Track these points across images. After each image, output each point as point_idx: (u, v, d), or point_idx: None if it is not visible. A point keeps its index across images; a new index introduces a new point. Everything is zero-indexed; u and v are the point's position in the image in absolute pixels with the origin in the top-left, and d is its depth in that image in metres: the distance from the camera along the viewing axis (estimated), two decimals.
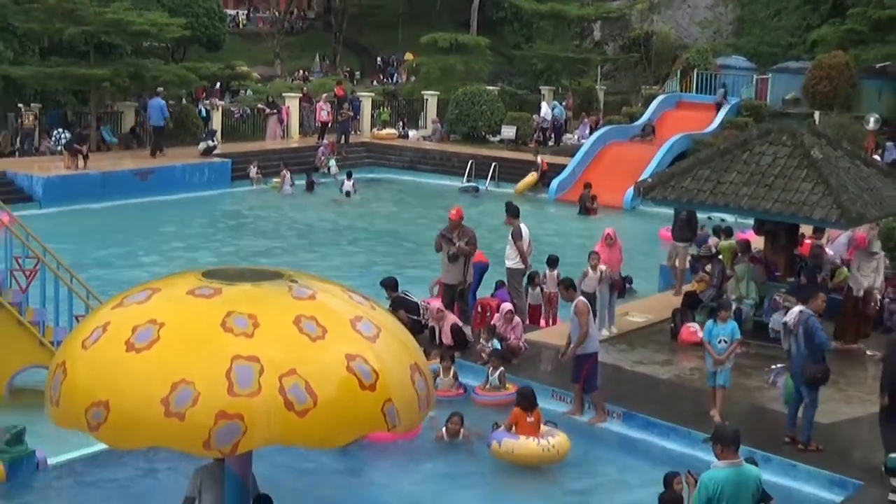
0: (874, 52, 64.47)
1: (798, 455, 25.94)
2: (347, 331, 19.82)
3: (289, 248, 49.50)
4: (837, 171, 31.71)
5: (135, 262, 44.46)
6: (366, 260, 46.12)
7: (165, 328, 19.52)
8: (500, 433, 27.04)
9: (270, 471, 22.91)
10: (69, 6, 65.18)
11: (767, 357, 28.73)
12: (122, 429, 19.46)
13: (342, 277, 27.94)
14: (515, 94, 74.20)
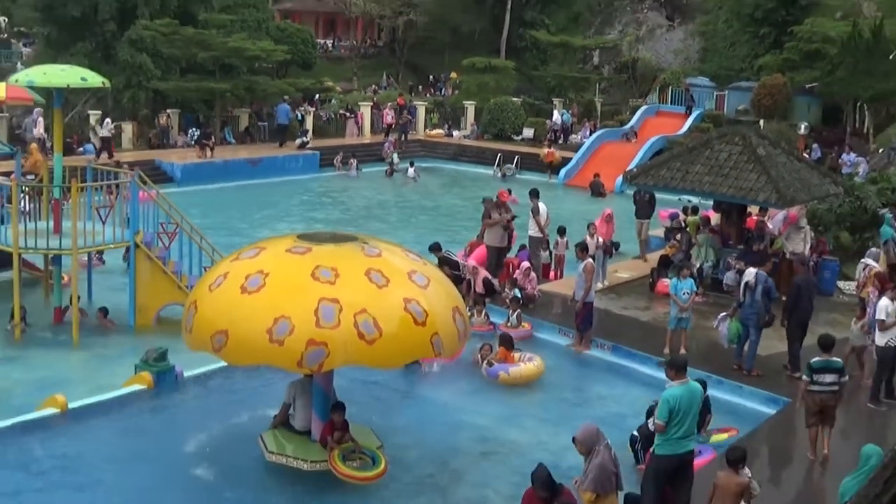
0: (804, 75, 64.30)
1: (743, 379, 26.13)
2: (405, 281, 20.04)
3: (363, 217, 49.49)
4: (776, 165, 31.77)
5: (247, 227, 44.51)
6: (420, 226, 46.10)
7: (270, 277, 19.81)
8: (500, 366, 27.28)
9: (346, 384, 22.98)
10: (202, 37, 65.84)
11: (721, 305, 28.75)
12: (238, 351, 19.87)
13: (402, 240, 28.03)
14: (533, 104, 73.91)
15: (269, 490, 21.02)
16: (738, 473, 16.73)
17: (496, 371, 27.23)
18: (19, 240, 29.98)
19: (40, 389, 25.42)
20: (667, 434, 17.36)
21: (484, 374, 27.36)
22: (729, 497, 16.51)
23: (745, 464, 17.07)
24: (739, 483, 16.57)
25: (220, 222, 43.04)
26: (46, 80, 32.94)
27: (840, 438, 22.39)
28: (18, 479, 21.28)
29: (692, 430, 17.78)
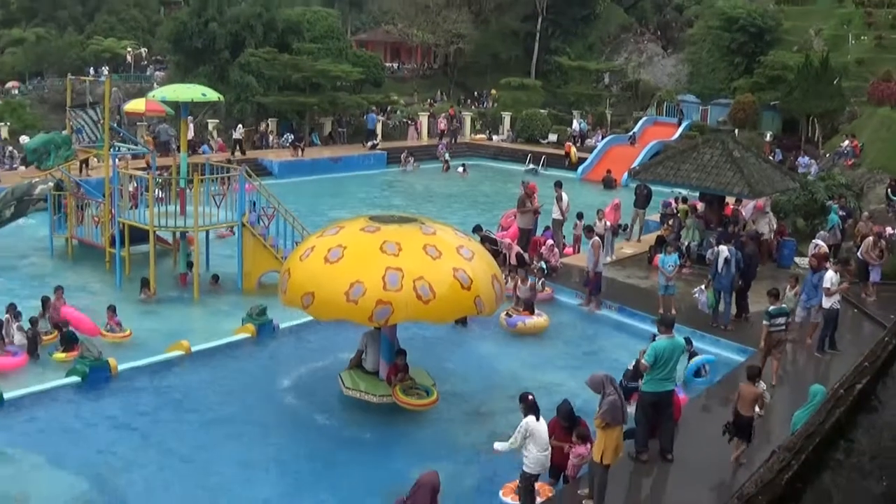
0: (769, 95, 64.14)
1: (720, 333, 26.15)
2: (454, 254, 20.06)
3: (421, 203, 49.43)
4: (748, 164, 31.68)
5: (329, 210, 44.56)
6: (466, 211, 46.05)
7: (347, 250, 19.91)
8: (517, 318, 27.41)
9: (407, 335, 23.01)
10: (295, 62, 66.04)
11: (703, 275, 28.53)
12: (321, 308, 20.05)
13: (452, 221, 28.04)
14: (557, 114, 73.60)
15: (345, 416, 21.20)
16: (755, 385, 17.61)
17: (515, 322, 27.33)
18: (154, 220, 30.29)
19: (169, 336, 25.79)
20: (651, 374, 17.48)
21: (504, 324, 27.35)
22: (747, 403, 17.36)
23: (759, 378, 18.01)
24: (755, 392, 17.48)
25: (308, 207, 43.08)
26: (175, 96, 33.21)
27: (793, 380, 22.87)
28: (155, 403, 21.82)
29: (672, 375, 17.85)
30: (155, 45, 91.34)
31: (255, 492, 17.78)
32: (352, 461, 19.14)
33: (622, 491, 16.54)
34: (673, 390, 18.11)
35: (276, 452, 19.55)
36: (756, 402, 17.67)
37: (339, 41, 76.42)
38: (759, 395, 17.69)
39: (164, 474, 18.43)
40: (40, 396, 21.77)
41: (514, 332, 27.26)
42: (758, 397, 17.68)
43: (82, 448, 19.33)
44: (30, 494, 17.29)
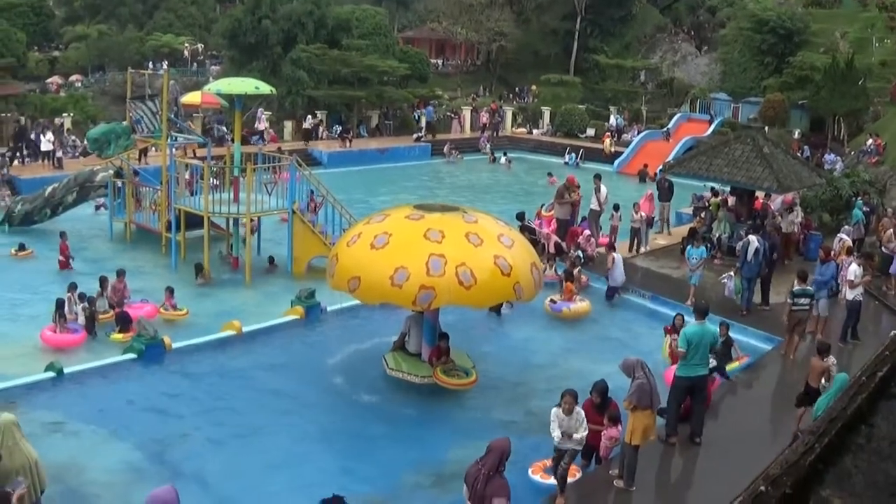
0: (797, 94, 63.84)
1: (746, 320, 26.08)
2: (495, 242, 20.07)
3: (463, 193, 49.35)
4: (777, 160, 31.54)
5: (375, 199, 44.64)
6: (507, 200, 45.99)
7: (392, 236, 19.96)
8: (562, 304, 27.42)
9: (449, 319, 23.04)
10: (344, 57, 66.23)
11: (733, 266, 28.48)
12: (367, 292, 20.13)
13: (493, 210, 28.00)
14: (595, 110, 73.32)
15: (388, 396, 21.29)
16: (823, 360, 18.50)
17: (560, 307, 27.34)
18: (209, 206, 30.51)
19: (222, 316, 26.02)
20: (684, 360, 17.52)
21: (548, 310, 27.36)
22: (816, 375, 18.41)
23: (829, 353, 18.73)
24: (823, 366, 18.41)
25: (356, 195, 43.17)
26: (230, 89, 33.32)
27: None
28: (207, 380, 22.08)
29: (705, 360, 17.85)
30: (211, 41, 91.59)
31: (301, 466, 17.93)
32: (394, 438, 19.25)
33: (651, 472, 16.54)
34: (706, 375, 18.10)
35: (322, 429, 19.72)
36: (823, 375, 18.37)
37: (387, 38, 76.32)
38: (826, 368, 18.41)
39: (215, 448, 18.62)
40: (98, 372, 22.05)
41: (559, 316, 27.26)
42: (825, 370, 18.37)
43: (137, 421, 19.54)
44: (87, 465, 17.46)
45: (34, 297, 28.33)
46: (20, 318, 26.51)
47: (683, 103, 74.49)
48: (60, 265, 30.91)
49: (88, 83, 78.42)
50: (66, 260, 31.12)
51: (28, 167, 47.97)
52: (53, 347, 23.85)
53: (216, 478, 17.26)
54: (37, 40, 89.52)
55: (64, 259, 31.12)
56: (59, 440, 18.41)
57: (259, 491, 16.44)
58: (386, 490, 17.08)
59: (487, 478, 12.08)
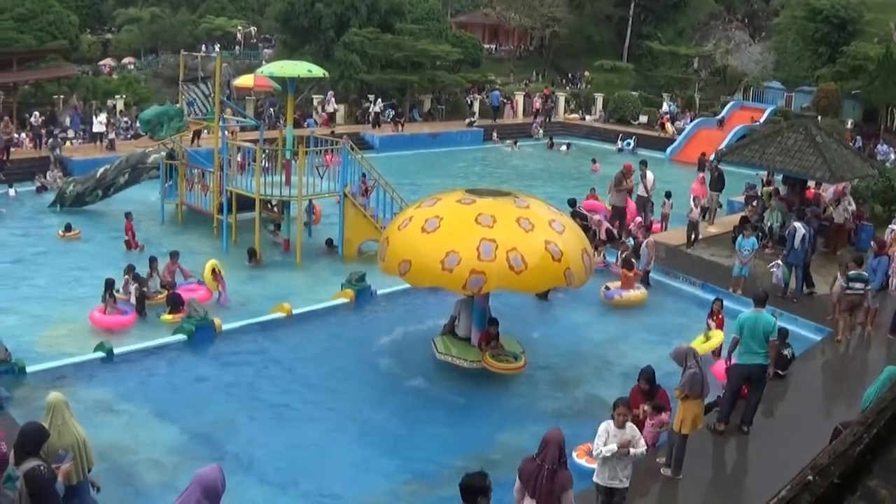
0: (850, 84, 63.42)
1: (796, 310, 25.91)
2: (546, 227, 20.01)
3: (515, 178, 49.23)
4: (830, 150, 31.28)
5: (427, 183, 44.63)
6: (558, 186, 45.88)
7: (444, 220, 19.96)
8: (615, 290, 27.43)
9: (498, 305, 23.05)
10: (397, 42, 66.26)
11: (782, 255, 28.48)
12: (418, 276, 20.18)
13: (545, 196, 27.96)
14: (647, 97, 73.00)
15: (438, 380, 21.34)
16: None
17: (612, 294, 27.33)
18: (261, 188, 30.64)
19: (272, 299, 26.15)
20: (741, 347, 17.43)
21: (602, 297, 27.32)
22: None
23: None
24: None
25: (407, 179, 43.26)
26: (282, 72, 33.45)
27: (864, 360, 23.26)
28: (256, 362, 22.20)
29: (763, 349, 17.55)
30: (263, 24, 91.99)
31: (348, 448, 18.00)
32: (441, 422, 19.30)
33: (699, 460, 16.46)
34: (764, 364, 17.95)
35: (370, 411, 19.75)
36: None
37: (440, 22, 76.43)
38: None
39: (262, 429, 18.75)
40: (148, 352, 22.27)
41: (612, 304, 27.23)
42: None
43: (185, 402, 19.73)
44: (134, 445, 17.64)
45: (82, 277, 28.74)
46: (69, 298, 26.79)
47: (736, 91, 74.02)
48: (127, 245, 31.15)
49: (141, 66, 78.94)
50: (131, 240, 31.37)
51: (80, 148, 48.40)
52: (102, 328, 24.09)
53: (263, 459, 17.38)
54: (89, 23, 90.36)
55: (129, 239, 31.38)
56: (108, 420, 18.59)
57: (305, 473, 16.53)
58: (434, 474, 17.11)
59: (552, 472, 12.00)
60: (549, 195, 34.64)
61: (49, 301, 26.55)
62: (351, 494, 16.09)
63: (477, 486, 10.55)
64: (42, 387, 18.87)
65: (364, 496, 16.17)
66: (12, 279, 28.73)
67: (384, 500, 16.19)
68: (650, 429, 16.67)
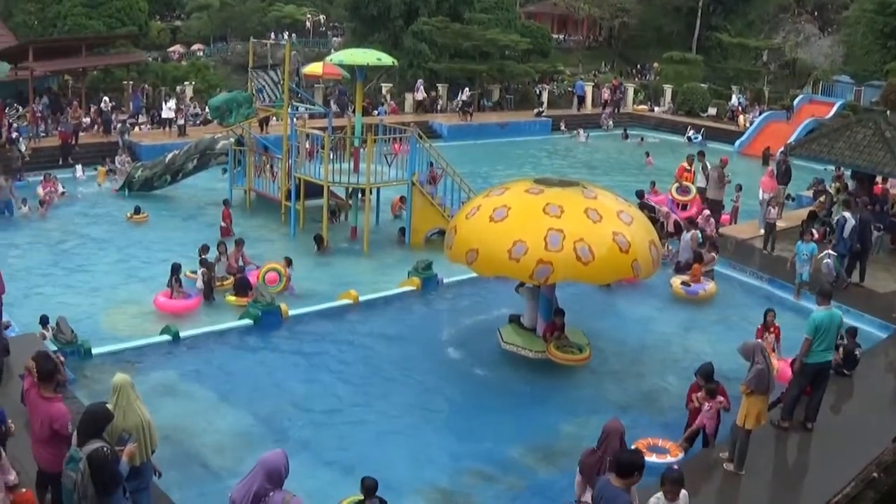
0: None
1: (861, 307, 25.53)
2: (614, 218, 19.86)
3: (584, 169, 49.14)
4: None
5: (495, 172, 44.60)
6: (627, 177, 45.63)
7: (512, 210, 19.93)
8: (697, 286, 27.07)
9: (564, 295, 22.95)
10: (466, 31, 66.34)
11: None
12: (485, 265, 20.14)
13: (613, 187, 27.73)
14: (716, 89, 72.48)
15: (503, 369, 21.28)
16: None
17: (696, 290, 27.06)
18: (329, 176, 30.70)
19: (339, 286, 26.27)
20: (813, 346, 17.08)
21: (682, 293, 27.02)
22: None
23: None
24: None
25: (475, 168, 43.25)
26: (352, 60, 33.44)
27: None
28: (321, 348, 22.29)
29: (831, 346, 17.50)
30: (333, 13, 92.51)
31: (411, 437, 18.04)
32: (505, 412, 19.26)
33: (761, 456, 16.28)
34: (831, 361, 17.73)
35: (433, 399, 19.79)
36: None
37: (508, 12, 76.27)
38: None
39: (326, 415, 18.82)
40: (214, 336, 22.49)
41: (694, 299, 26.91)
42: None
43: (249, 387, 19.84)
44: (198, 428, 17.79)
45: (149, 260, 29.11)
46: (135, 281, 27.14)
47: (806, 85, 73.24)
48: (222, 232, 31.27)
49: (210, 52, 79.56)
50: (227, 227, 31.54)
51: (148, 134, 48.83)
52: (167, 312, 24.29)
53: (326, 445, 17.44)
54: (159, 9, 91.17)
55: (226, 226, 31.57)
56: (172, 402, 18.74)
57: (368, 459, 16.45)
58: (496, 463, 17.10)
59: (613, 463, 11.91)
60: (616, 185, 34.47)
61: (115, 284, 26.91)
62: (412, 482, 16.12)
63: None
64: (107, 368, 19.12)
65: (425, 484, 16.21)
66: (79, 261, 29.17)
67: (445, 488, 16.21)
68: (708, 412, 16.66)
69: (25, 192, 35.91)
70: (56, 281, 27.11)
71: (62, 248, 30.54)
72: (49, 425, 12.26)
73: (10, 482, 12.34)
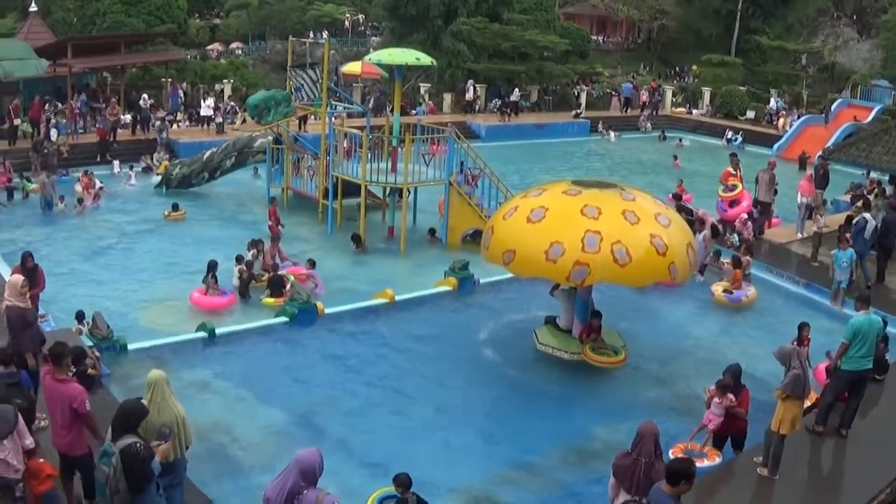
0: None
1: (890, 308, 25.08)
2: (652, 220, 19.74)
3: (621, 170, 48.93)
4: None
5: (532, 173, 44.55)
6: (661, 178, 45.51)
7: (549, 211, 19.86)
8: (739, 293, 26.70)
9: (601, 298, 22.86)
10: (505, 32, 66.50)
11: None
12: (521, 265, 20.10)
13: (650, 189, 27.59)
14: (755, 92, 72.21)
15: (538, 370, 21.23)
16: None
17: (738, 297, 26.69)
18: (366, 175, 30.76)
19: (375, 285, 26.22)
20: (850, 352, 16.86)
21: (725, 300, 26.65)
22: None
23: None
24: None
25: (512, 169, 43.24)
26: (390, 59, 33.50)
27: None
28: (357, 346, 22.32)
29: (871, 353, 17.14)
30: (371, 12, 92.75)
31: (446, 436, 18.01)
32: (539, 413, 19.20)
33: (794, 461, 16.12)
34: (870, 368, 17.53)
35: (469, 400, 19.74)
36: None
37: (548, 13, 76.25)
38: None
39: (361, 413, 18.83)
40: (250, 334, 22.58)
41: (736, 306, 26.59)
42: None
43: (285, 384, 19.88)
44: (232, 425, 17.81)
45: (186, 257, 29.21)
46: (171, 278, 27.27)
47: (844, 89, 72.79)
48: (271, 231, 31.05)
49: (248, 51, 79.89)
50: (274, 226, 31.47)
51: (186, 131, 49.07)
52: (202, 309, 24.39)
53: (361, 443, 17.45)
54: (198, 7, 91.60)
55: (273, 224, 31.44)
56: (207, 399, 18.83)
57: (402, 458, 16.40)
58: (530, 464, 17.07)
59: (649, 465, 11.86)
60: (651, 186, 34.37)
61: (152, 280, 27.10)
62: (445, 482, 16.08)
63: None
64: (142, 364, 19.17)
65: (459, 484, 16.17)
66: (116, 257, 29.37)
67: (479, 488, 16.16)
68: (716, 409, 16.49)
69: (66, 187, 36.17)
70: (93, 276, 27.35)
71: (99, 243, 30.76)
72: (69, 405, 12.45)
73: (27, 447, 12.35)
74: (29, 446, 12.34)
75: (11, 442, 11.93)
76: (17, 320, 15.43)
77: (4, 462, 11.84)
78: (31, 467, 12.63)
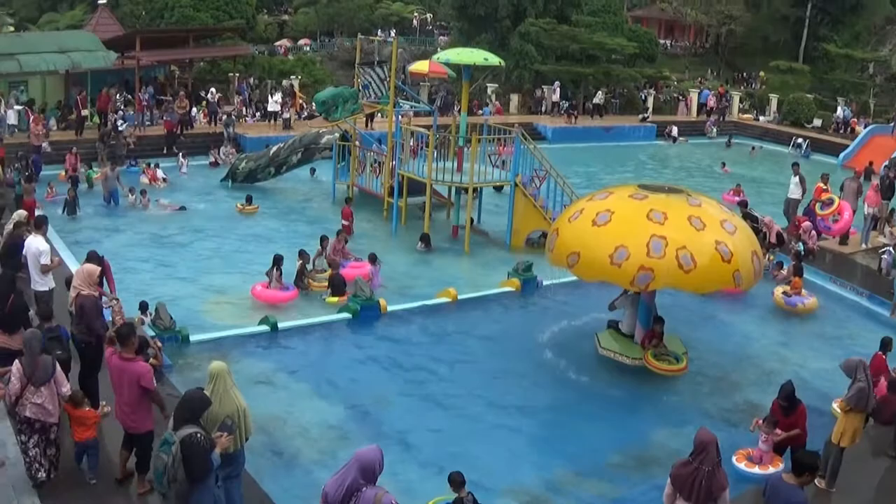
0: None
1: None
2: (718, 227, 19.55)
3: (687, 175, 48.85)
4: None
5: (598, 176, 44.55)
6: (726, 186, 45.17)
7: (615, 215, 19.75)
8: (797, 298, 26.41)
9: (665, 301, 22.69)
10: (573, 33, 66.49)
11: None
12: (586, 269, 19.98)
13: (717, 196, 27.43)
14: (822, 100, 71.60)
15: (598, 375, 21.07)
16: None
17: (794, 301, 26.46)
18: (432, 174, 30.78)
19: (438, 283, 26.30)
20: None
21: (782, 302, 26.50)
22: None
23: None
24: None
25: (578, 171, 43.25)
26: (458, 59, 33.51)
27: None
28: (418, 344, 22.34)
29: None
30: (440, 12, 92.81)
31: (505, 437, 17.91)
32: (598, 417, 19.06)
33: (853, 474, 15.91)
34: None
35: (527, 401, 19.63)
36: None
37: (616, 16, 76.08)
38: None
39: (419, 411, 18.81)
40: (312, 329, 22.66)
41: (793, 311, 26.35)
42: None
43: (345, 380, 19.89)
44: (292, 419, 17.86)
45: (255, 250, 29.42)
46: (237, 272, 27.49)
47: None
48: (346, 230, 30.88)
49: (316, 47, 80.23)
50: (349, 225, 31.46)
51: (254, 126, 49.38)
52: (263, 302, 24.52)
53: (419, 442, 17.39)
54: (266, 4, 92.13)
55: (347, 224, 31.43)
56: (267, 392, 18.88)
57: (461, 458, 16.31)
58: (588, 468, 16.91)
59: (711, 473, 11.74)
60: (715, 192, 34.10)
61: (216, 272, 27.39)
62: (501, 483, 15.99)
63: None
64: (204, 356, 19.34)
65: (515, 486, 16.08)
66: (181, 249, 29.74)
67: (535, 491, 16.06)
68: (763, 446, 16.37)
69: (133, 178, 36.52)
70: (157, 268, 27.66)
71: (164, 235, 31.15)
72: (136, 383, 12.84)
73: (64, 394, 13.20)
74: (66, 394, 13.23)
75: (48, 389, 12.89)
76: (92, 308, 15.59)
77: (42, 406, 12.86)
78: (76, 415, 13.45)
